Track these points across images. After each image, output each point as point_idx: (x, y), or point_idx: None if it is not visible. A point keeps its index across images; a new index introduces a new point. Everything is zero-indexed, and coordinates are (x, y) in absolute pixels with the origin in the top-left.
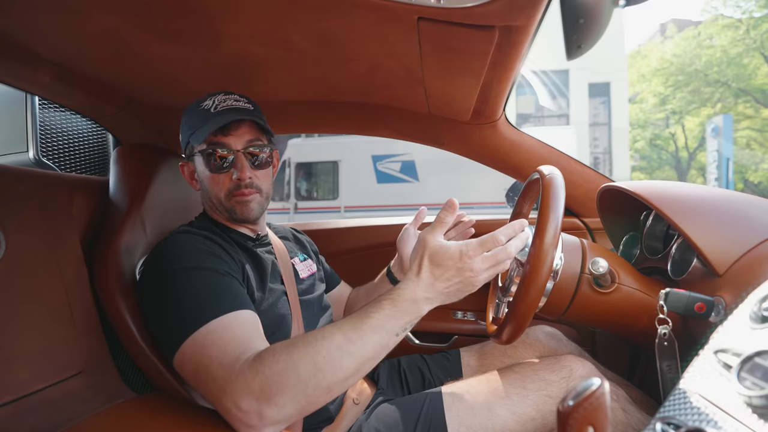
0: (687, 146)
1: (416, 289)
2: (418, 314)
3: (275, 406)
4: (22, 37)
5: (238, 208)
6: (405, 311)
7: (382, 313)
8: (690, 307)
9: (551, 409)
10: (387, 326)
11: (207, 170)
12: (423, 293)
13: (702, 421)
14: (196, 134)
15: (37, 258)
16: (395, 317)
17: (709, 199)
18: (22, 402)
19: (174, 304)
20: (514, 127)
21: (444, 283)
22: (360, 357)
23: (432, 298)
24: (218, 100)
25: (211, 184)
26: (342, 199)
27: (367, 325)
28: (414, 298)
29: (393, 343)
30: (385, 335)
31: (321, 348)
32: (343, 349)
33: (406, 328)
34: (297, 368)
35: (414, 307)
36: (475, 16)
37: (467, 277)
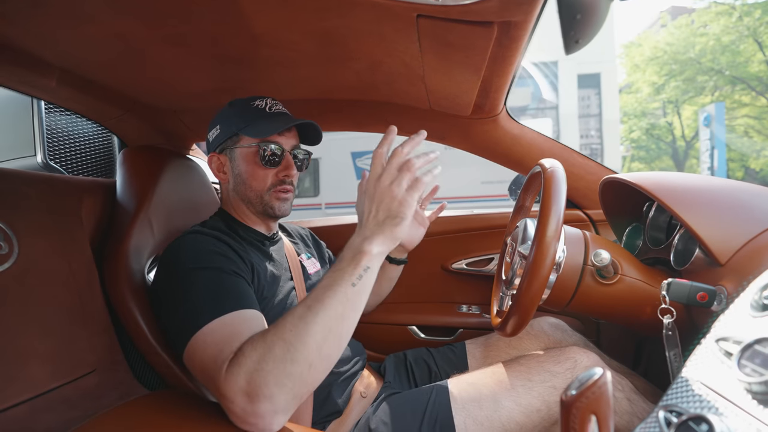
0: (684, 135)
1: (353, 237)
2: (365, 255)
3: (264, 398)
4: (28, 43)
5: (277, 204)
6: (348, 259)
7: (330, 273)
8: (692, 297)
9: (556, 400)
10: (338, 280)
11: (254, 164)
12: (359, 236)
13: (703, 408)
14: (250, 128)
15: (48, 260)
16: (341, 269)
17: (711, 189)
18: (39, 400)
19: (182, 303)
20: (516, 121)
21: (370, 216)
22: (323, 319)
23: (368, 234)
24: (269, 102)
25: (253, 177)
26: (323, 196)
27: (321, 287)
28: (351, 244)
29: (354, 296)
30: (338, 289)
31: (287, 323)
32: (305, 318)
33: (361, 275)
34: (271, 350)
35: (355, 251)
36: (474, 13)
37: (382, 195)
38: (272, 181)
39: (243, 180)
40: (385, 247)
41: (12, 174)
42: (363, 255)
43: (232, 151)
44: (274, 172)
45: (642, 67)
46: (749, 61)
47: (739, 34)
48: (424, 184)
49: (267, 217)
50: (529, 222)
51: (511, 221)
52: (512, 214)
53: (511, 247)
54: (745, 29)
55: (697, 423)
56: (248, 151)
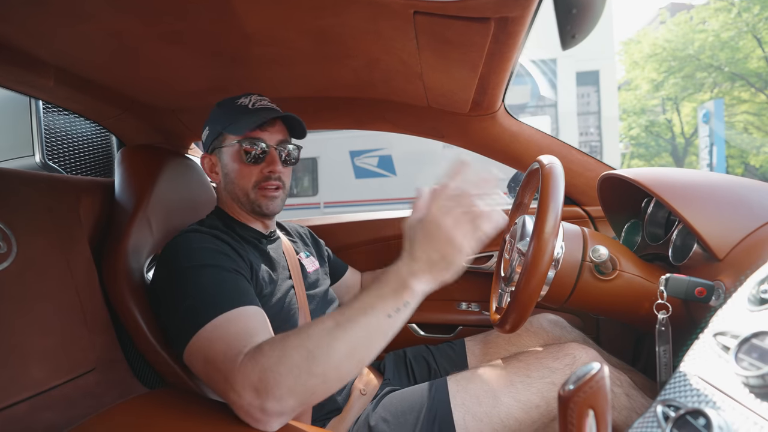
0: (683, 132)
1: (399, 265)
2: (408, 290)
3: (274, 398)
4: (25, 42)
5: (264, 202)
6: (392, 288)
7: (370, 295)
8: (690, 292)
9: (555, 396)
10: (376, 306)
11: (239, 162)
12: (406, 267)
13: (701, 403)
14: (233, 126)
15: (47, 259)
16: (383, 296)
17: (709, 184)
18: (39, 398)
19: (182, 301)
20: (514, 118)
21: (420, 250)
22: (350, 340)
23: (416, 269)
24: (254, 99)
25: (239, 175)
26: (321, 195)
27: (356, 308)
28: (398, 273)
29: (388, 327)
30: (374, 315)
31: (312, 334)
32: (332, 334)
33: (399, 308)
34: (291, 356)
35: (400, 282)
36: (471, 9)
37: (435, 233)
38: (257, 178)
39: (231, 179)
40: (429, 287)
41: (11, 174)
42: (406, 290)
43: (220, 150)
44: (258, 169)
45: (641, 64)
46: (748, 58)
47: (738, 30)
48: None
49: (257, 215)
50: (528, 219)
51: (510, 218)
52: (511, 211)
53: (510, 244)
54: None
55: (694, 417)
56: (232, 149)
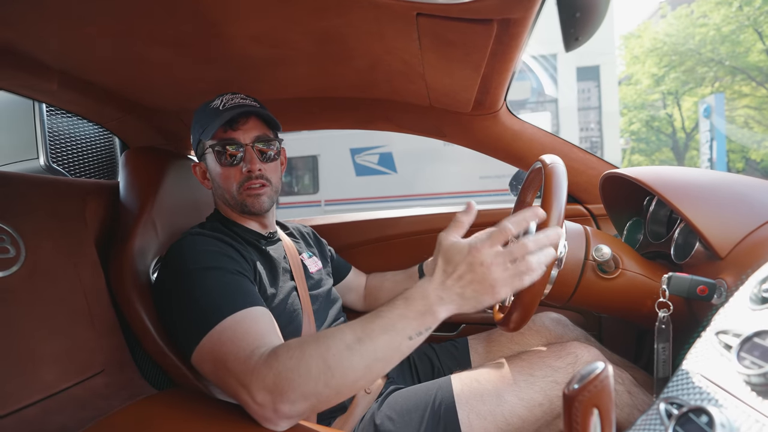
0: (684, 127)
1: (428, 287)
2: (432, 316)
3: (287, 401)
4: (28, 46)
5: (249, 201)
6: (417, 311)
7: (393, 313)
8: (692, 290)
9: (558, 394)
10: (398, 326)
11: (218, 165)
12: (435, 291)
13: (703, 400)
14: (206, 131)
15: (55, 263)
16: (407, 317)
17: (711, 183)
18: (50, 401)
19: (189, 304)
20: (516, 117)
21: (457, 281)
22: (369, 357)
23: (445, 298)
24: (226, 99)
25: (222, 179)
26: (322, 193)
27: (378, 325)
28: (426, 297)
29: (406, 348)
30: (395, 336)
31: (331, 346)
32: (352, 349)
33: (421, 332)
34: (308, 365)
35: (426, 307)
36: (473, 11)
37: (480, 274)
38: (239, 179)
39: (217, 183)
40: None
41: (16, 178)
42: (431, 317)
43: (204, 157)
44: (238, 170)
45: (642, 59)
46: (749, 51)
47: (739, 24)
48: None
49: (247, 215)
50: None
51: None
52: (513, 210)
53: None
54: (745, 19)
55: (697, 414)
56: (211, 155)
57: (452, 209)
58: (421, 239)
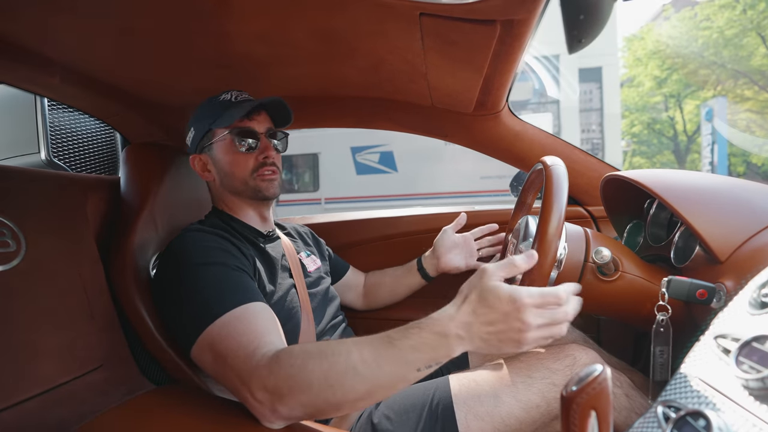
0: (686, 130)
1: (450, 323)
2: (446, 352)
3: (286, 405)
4: (31, 41)
5: (263, 185)
6: (432, 345)
7: (405, 343)
8: (692, 294)
9: (555, 396)
10: (409, 358)
11: (231, 153)
12: (457, 329)
13: (701, 404)
14: (221, 119)
15: (55, 257)
16: (419, 350)
17: (711, 186)
18: (49, 395)
19: (189, 299)
20: (518, 118)
21: (485, 326)
22: (373, 383)
23: (465, 337)
24: (234, 94)
25: (235, 165)
26: (322, 191)
27: (387, 352)
28: (445, 332)
29: (413, 378)
30: (404, 367)
31: (335, 364)
32: (357, 371)
33: (431, 366)
34: (309, 378)
35: (443, 342)
36: (477, 11)
37: (514, 328)
38: (253, 164)
39: (226, 172)
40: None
41: (18, 172)
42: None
43: (210, 147)
44: (253, 156)
45: (644, 61)
46: (752, 55)
47: (742, 28)
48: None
49: (259, 202)
50: (531, 219)
51: (513, 218)
52: (514, 211)
53: (513, 245)
54: (748, 22)
55: (695, 418)
56: (224, 141)
57: (452, 209)
58: (421, 239)
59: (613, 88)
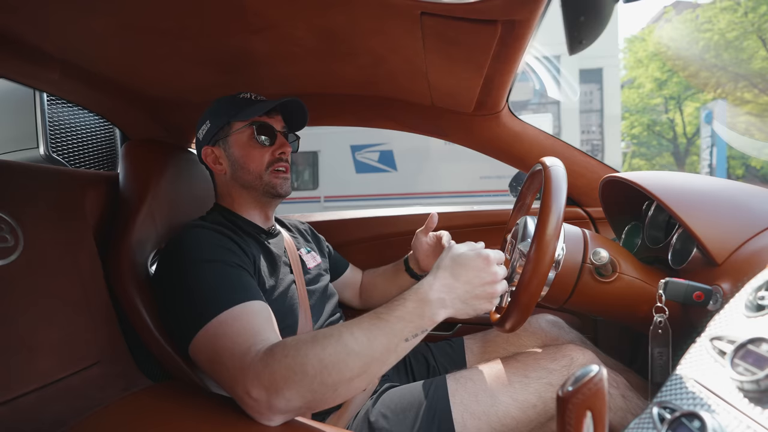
0: (685, 132)
1: (430, 288)
2: (430, 318)
3: (283, 398)
4: (31, 35)
5: (278, 182)
6: (416, 312)
7: (392, 315)
8: (689, 296)
9: (552, 396)
10: (396, 328)
11: (249, 146)
12: (438, 292)
13: (696, 406)
14: (241, 114)
15: (53, 253)
16: (405, 319)
17: (710, 189)
18: (46, 390)
19: (187, 296)
20: (517, 118)
21: (463, 285)
22: (366, 357)
23: (447, 300)
24: (252, 94)
25: (250, 159)
26: (322, 189)
27: (376, 327)
28: (427, 298)
29: (402, 349)
30: (393, 338)
31: (328, 346)
32: (349, 349)
33: (417, 334)
34: (304, 365)
35: (426, 307)
36: (478, 11)
37: (487, 281)
38: (269, 159)
39: (240, 165)
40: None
41: (16, 167)
42: (429, 321)
43: (225, 140)
44: (270, 151)
45: (645, 63)
46: (753, 58)
47: (743, 31)
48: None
49: (270, 198)
50: (529, 220)
51: (512, 218)
52: (513, 212)
53: (511, 245)
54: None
55: (689, 419)
56: (242, 135)
57: (451, 209)
58: None
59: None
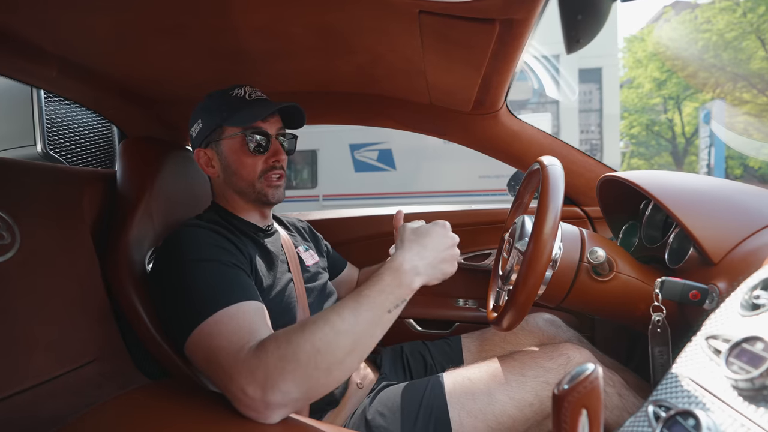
0: (684, 132)
1: (402, 260)
2: (408, 287)
3: (279, 391)
4: (28, 32)
5: (270, 191)
6: (393, 284)
7: (372, 290)
8: (685, 295)
9: (549, 395)
10: (377, 301)
11: (242, 153)
12: (410, 263)
13: (691, 404)
14: (234, 118)
15: (50, 250)
16: (384, 291)
17: (707, 189)
18: (42, 388)
19: (183, 295)
20: (516, 117)
21: (430, 251)
22: (354, 335)
23: (419, 266)
24: (248, 90)
25: (243, 166)
26: (321, 188)
27: (358, 303)
28: (401, 268)
29: (387, 321)
30: (377, 311)
31: (317, 330)
32: (338, 329)
33: (398, 305)
34: (296, 353)
35: (402, 278)
36: (476, 10)
37: (448, 245)
38: (262, 168)
39: (233, 171)
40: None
41: (13, 164)
42: (407, 289)
43: (218, 144)
44: (263, 159)
45: (644, 62)
46: (751, 58)
47: (742, 31)
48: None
49: (261, 205)
50: (527, 218)
51: (510, 217)
52: (510, 211)
53: (509, 243)
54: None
55: (684, 418)
56: (234, 141)
57: (449, 207)
58: None
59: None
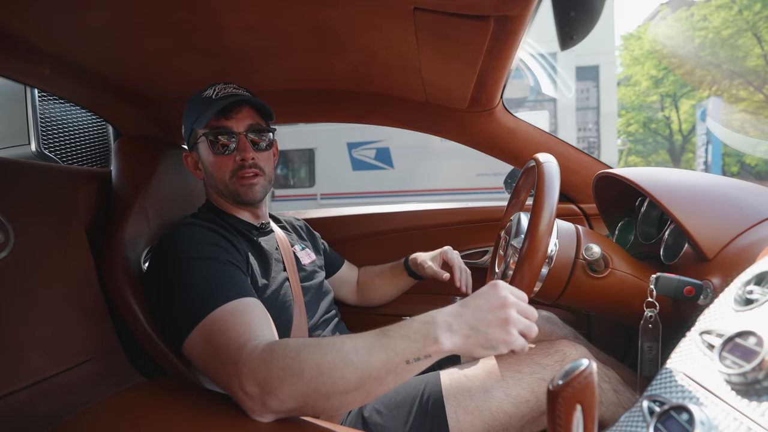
0: (681, 130)
1: (438, 313)
2: (435, 342)
3: (276, 398)
4: (21, 30)
5: (242, 190)
6: (420, 332)
7: (396, 332)
8: (679, 291)
9: (545, 392)
10: (398, 346)
11: (210, 154)
12: (445, 316)
13: (685, 399)
14: (198, 120)
15: (44, 249)
16: (408, 338)
17: (702, 185)
18: (37, 387)
19: (181, 294)
20: (512, 115)
21: (472, 310)
22: (363, 372)
23: (453, 324)
24: (218, 88)
25: (215, 167)
26: (318, 187)
27: (378, 342)
28: (433, 321)
29: (402, 371)
30: (394, 356)
31: (328, 353)
32: (348, 359)
33: (419, 358)
34: (301, 366)
35: (430, 329)
36: (471, 6)
37: (497, 307)
38: (232, 167)
39: (210, 173)
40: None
41: (7, 163)
42: (433, 344)
43: (196, 147)
44: (231, 159)
45: (641, 60)
46: (748, 56)
47: (738, 28)
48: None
49: (242, 205)
50: (523, 216)
51: (506, 215)
52: (507, 208)
53: (505, 241)
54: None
55: (678, 412)
56: (204, 143)
57: (447, 206)
58: (415, 235)
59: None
